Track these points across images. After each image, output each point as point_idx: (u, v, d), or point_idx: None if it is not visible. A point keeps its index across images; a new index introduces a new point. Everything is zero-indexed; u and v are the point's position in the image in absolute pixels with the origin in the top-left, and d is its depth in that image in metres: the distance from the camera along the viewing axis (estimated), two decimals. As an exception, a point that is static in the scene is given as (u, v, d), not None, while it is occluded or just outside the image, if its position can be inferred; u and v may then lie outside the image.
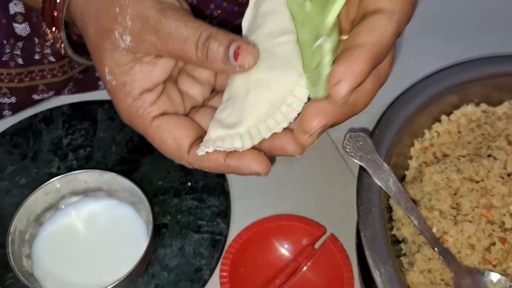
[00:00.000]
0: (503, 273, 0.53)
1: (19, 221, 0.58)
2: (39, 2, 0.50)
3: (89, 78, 0.74)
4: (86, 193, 0.63)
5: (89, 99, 0.74)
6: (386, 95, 0.72)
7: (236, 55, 0.41)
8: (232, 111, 0.43)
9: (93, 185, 0.63)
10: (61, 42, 0.52)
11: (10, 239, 0.56)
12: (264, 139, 0.42)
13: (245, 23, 0.46)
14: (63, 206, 0.63)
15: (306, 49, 0.42)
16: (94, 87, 0.75)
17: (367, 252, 0.51)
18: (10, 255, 0.56)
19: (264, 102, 0.42)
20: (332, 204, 0.67)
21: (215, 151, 0.43)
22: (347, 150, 0.56)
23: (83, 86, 0.75)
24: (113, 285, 0.56)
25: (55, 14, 0.49)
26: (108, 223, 0.62)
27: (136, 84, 0.44)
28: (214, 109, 0.46)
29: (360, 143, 0.56)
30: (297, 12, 0.44)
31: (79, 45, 0.52)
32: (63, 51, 0.53)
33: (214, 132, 0.43)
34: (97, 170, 0.62)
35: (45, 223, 0.62)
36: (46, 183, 0.60)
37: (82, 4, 0.47)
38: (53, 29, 0.51)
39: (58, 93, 0.73)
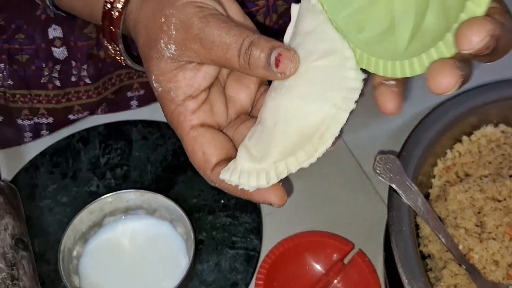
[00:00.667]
0: (527, 288, 0.56)
1: (68, 239, 0.61)
2: (99, 20, 0.52)
3: (121, 98, 0.77)
4: (127, 211, 0.66)
5: (121, 118, 0.77)
6: (408, 111, 0.75)
7: (277, 62, 0.41)
8: (260, 139, 0.43)
9: (133, 204, 0.65)
10: (121, 55, 0.54)
11: (61, 257, 0.59)
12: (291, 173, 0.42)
13: (287, 38, 0.45)
14: (106, 224, 0.65)
15: (379, 41, 0.40)
16: (126, 106, 0.78)
17: (400, 270, 0.54)
18: (62, 272, 0.58)
19: (293, 135, 0.41)
20: (357, 220, 0.69)
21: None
22: (377, 171, 0.58)
23: (115, 106, 0.77)
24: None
25: (113, 29, 0.51)
26: (149, 239, 0.65)
27: (179, 91, 0.45)
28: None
29: (390, 165, 0.58)
30: (347, 23, 0.42)
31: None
32: (123, 63, 0.54)
33: (240, 163, 0.43)
34: (140, 190, 0.64)
35: (89, 240, 0.64)
36: (95, 200, 0.63)
37: (134, 17, 0.48)
38: (112, 43, 0.53)
39: (92, 112, 0.76)
